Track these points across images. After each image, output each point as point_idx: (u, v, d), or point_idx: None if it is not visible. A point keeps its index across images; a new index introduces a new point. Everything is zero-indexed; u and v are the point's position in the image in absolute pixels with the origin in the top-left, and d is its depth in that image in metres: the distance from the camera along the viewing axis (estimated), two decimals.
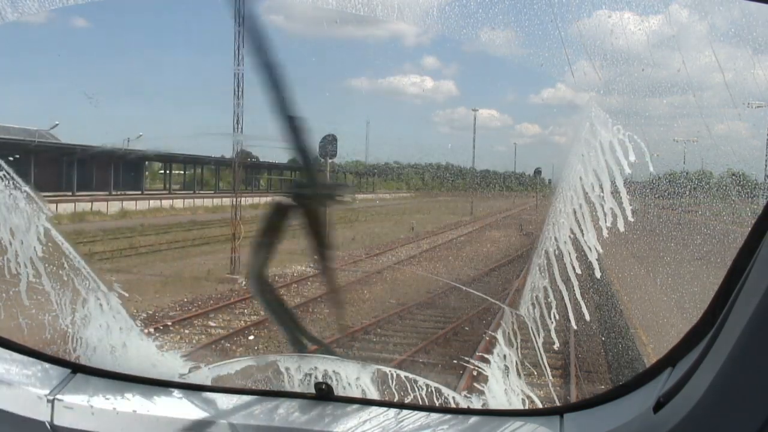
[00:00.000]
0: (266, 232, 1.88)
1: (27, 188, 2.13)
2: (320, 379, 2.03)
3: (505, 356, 2.19)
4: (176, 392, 2.09)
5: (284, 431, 1.90)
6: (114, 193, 47.44)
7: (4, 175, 2.06)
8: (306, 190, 1.74)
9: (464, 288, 20.10)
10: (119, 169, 51.12)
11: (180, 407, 2.00)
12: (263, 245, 1.91)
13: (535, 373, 2.13)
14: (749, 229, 1.29)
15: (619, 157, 1.72)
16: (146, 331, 2.44)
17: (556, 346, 2.03)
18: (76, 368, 2.11)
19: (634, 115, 1.77)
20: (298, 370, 2.15)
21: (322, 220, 1.76)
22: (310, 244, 1.77)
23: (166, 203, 49.56)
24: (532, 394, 2.16)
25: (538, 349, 2.06)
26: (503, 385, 2.19)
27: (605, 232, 1.78)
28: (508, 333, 2.17)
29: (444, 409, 1.99)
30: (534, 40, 1.73)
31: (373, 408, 1.96)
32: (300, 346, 2.12)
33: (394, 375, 2.20)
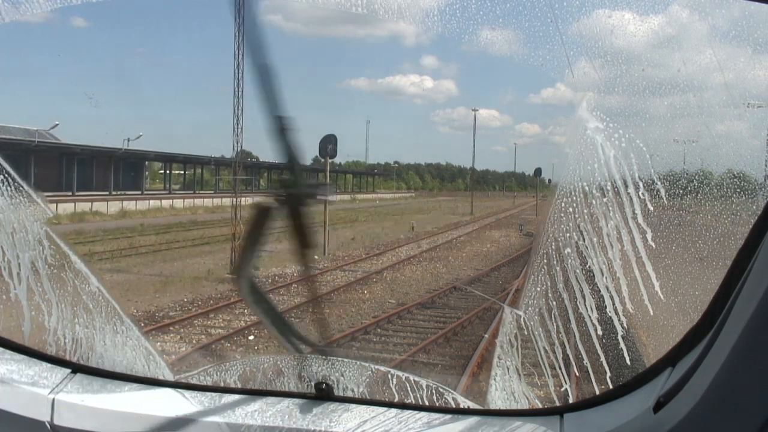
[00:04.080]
0: (251, 234, 1.86)
1: (27, 188, 2.13)
2: (320, 379, 2.03)
3: (505, 356, 2.19)
4: (176, 392, 2.09)
5: (284, 431, 1.90)
6: (114, 193, 47.47)
7: (4, 176, 2.06)
8: (288, 189, 1.72)
9: (465, 288, 20.10)
10: (119, 169, 51.15)
11: (180, 407, 2.00)
12: (249, 248, 1.89)
13: (535, 373, 2.13)
14: (749, 229, 1.29)
15: (619, 158, 1.72)
16: (146, 331, 2.44)
17: (556, 346, 2.04)
18: (76, 368, 2.11)
19: (634, 115, 1.77)
20: (298, 370, 2.15)
21: (305, 219, 1.75)
22: (292, 244, 1.76)
23: (166, 203, 49.59)
24: (532, 394, 2.17)
25: (538, 349, 2.06)
26: (503, 385, 2.20)
27: (606, 233, 1.78)
28: (508, 333, 2.17)
29: (444, 409, 1.99)
30: (534, 40, 1.73)
31: (374, 408, 1.96)
32: (293, 347, 2.12)
33: (394, 375, 2.20)
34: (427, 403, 2.07)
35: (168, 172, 61.68)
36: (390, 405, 1.98)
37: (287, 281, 21.09)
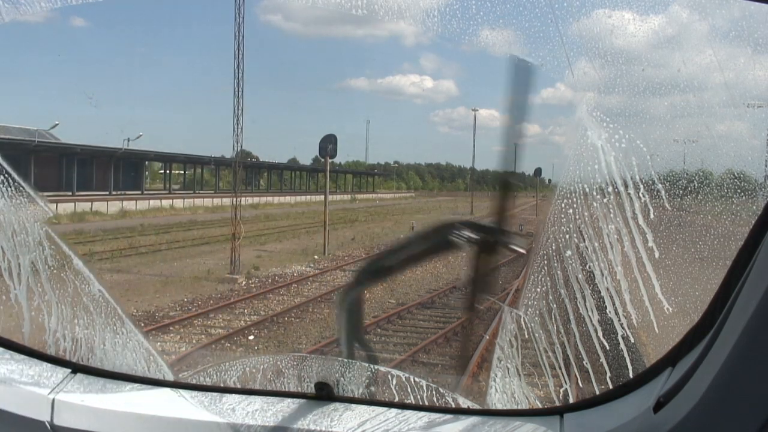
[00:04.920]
0: (403, 253, 1.82)
1: (27, 188, 2.13)
2: (320, 379, 2.04)
3: (505, 356, 2.19)
4: (177, 392, 2.09)
5: (284, 431, 1.90)
6: (114, 193, 47.50)
7: (4, 176, 2.07)
8: (487, 236, 1.70)
9: (465, 288, 20.09)
10: (119, 169, 51.17)
11: (180, 407, 2.01)
12: (385, 265, 1.85)
13: (535, 373, 2.13)
14: (749, 229, 1.29)
15: (619, 159, 1.72)
16: (147, 331, 2.44)
17: (556, 346, 2.04)
18: (76, 368, 2.11)
19: (634, 115, 1.77)
20: (298, 370, 2.15)
21: (492, 266, 1.73)
22: (471, 285, 1.74)
23: (166, 203, 49.58)
24: (532, 395, 2.17)
25: (538, 349, 2.06)
26: (503, 385, 2.20)
27: (606, 234, 1.78)
28: (508, 334, 2.17)
29: (444, 409, 1.99)
30: (534, 40, 1.72)
31: (374, 408, 1.96)
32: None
33: (394, 375, 2.20)
34: (427, 403, 2.07)
35: (168, 172, 61.68)
36: (390, 405, 1.98)
37: (287, 281, 21.10)
